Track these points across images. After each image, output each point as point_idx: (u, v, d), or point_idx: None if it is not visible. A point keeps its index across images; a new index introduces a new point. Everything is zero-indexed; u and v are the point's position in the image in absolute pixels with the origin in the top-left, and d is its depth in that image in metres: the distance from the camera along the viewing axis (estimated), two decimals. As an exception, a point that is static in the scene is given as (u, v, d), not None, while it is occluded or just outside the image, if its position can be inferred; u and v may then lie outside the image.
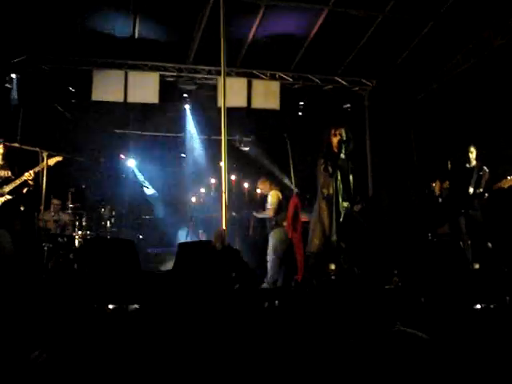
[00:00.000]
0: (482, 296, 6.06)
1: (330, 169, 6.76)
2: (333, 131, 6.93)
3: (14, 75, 10.38)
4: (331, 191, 6.76)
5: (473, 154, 7.97)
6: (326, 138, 7.02)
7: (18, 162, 7.66)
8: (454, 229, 7.87)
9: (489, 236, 8.01)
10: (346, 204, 6.90)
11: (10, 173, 7.62)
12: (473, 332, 4.65)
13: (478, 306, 5.89)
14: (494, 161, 8.17)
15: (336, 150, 6.84)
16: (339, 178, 6.80)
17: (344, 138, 6.89)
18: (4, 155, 7.65)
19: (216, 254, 6.72)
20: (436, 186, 8.28)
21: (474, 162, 7.95)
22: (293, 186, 8.07)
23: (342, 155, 6.87)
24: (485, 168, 7.86)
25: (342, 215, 6.83)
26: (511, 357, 3.87)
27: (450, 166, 8.23)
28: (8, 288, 6.32)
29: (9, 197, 7.48)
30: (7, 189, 7.48)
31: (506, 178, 7.42)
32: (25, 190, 7.59)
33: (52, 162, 7.68)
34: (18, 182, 7.49)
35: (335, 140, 6.89)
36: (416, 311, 5.52)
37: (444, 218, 8.05)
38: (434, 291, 6.41)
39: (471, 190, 7.76)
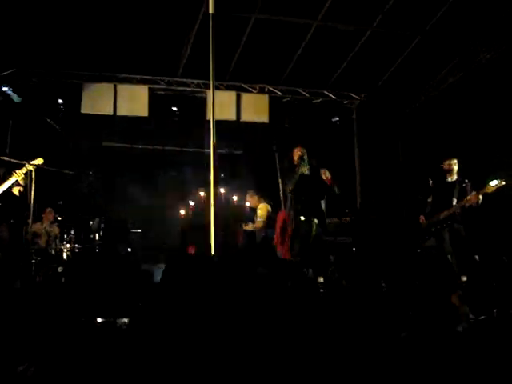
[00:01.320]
0: (470, 308, 6.09)
1: (291, 185, 7.09)
2: (294, 150, 7.32)
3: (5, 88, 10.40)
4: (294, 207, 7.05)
5: (455, 166, 7.96)
6: (290, 156, 7.36)
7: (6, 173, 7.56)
8: (439, 242, 7.88)
9: (474, 249, 8.04)
10: (316, 220, 7.14)
11: None
12: (462, 343, 4.68)
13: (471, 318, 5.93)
14: (477, 173, 8.20)
15: (296, 168, 7.20)
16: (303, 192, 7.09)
17: (304, 156, 7.24)
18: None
19: (213, 268, 6.72)
20: (421, 219, 8.27)
21: (455, 176, 7.97)
22: (281, 199, 8.08)
23: (305, 170, 7.20)
24: (466, 181, 7.86)
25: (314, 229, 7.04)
26: (501, 366, 3.90)
27: (431, 181, 8.22)
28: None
29: None
30: None
31: (488, 184, 7.41)
32: (17, 191, 7.43)
33: (34, 164, 7.48)
34: (5, 185, 7.31)
35: (296, 157, 7.26)
36: (404, 323, 5.54)
37: (429, 232, 8.05)
38: (421, 303, 6.45)
39: (454, 201, 7.76)
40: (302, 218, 7.19)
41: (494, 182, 7.37)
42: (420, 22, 9.38)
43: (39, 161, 7.54)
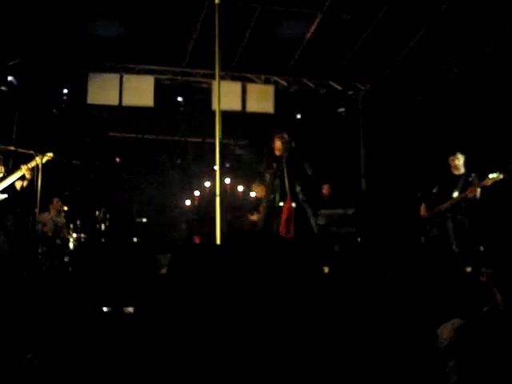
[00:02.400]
0: (475, 299, 6.10)
1: (271, 170, 7.09)
2: (276, 136, 7.28)
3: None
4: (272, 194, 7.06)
5: (460, 160, 7.99)
6: (270, 143, 7.33)
7: (13, 164, 7.60)
8: (442, 233, 7.91)
9: (478, 240, 8.05)
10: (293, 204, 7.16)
11: (3, 169, 7.50)
12: (466, 333, 4.69)
13: (473, 309, 5.93)
14: (483, 167, 8.20)
15: (279, 153, 7.16)
16: (286, 179, 7.07)
17: (286, 140, 7.23)
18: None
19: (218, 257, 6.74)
20: (422, 208, 8.31)
21: (462, 170, 7.99)
22: (286, 189, 8.10)
23: (286, 154, 7.20)
24: (473, 175, 7.89)
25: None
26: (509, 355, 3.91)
27: (435, 190, 8.25)
28: (1, 290, 6.33)
29: (2, 196, 7.36)
30: (0, 186, 7.36)
31: (488, 177, 7.44)
32: (19, 186, 7.44)
33: (44, 159, 7.53)
34: (12, 177, 7.35)
35: (278, 143, 7.22)
36: (409, 313, 5.55)
37: (430, 222, 8.09)
38: (427, 294, 6.45)
39: (455, 194, 7.78)
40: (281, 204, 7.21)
41: (491, 175, 7.40)
42: (426, 13, 9.33)
43: (49, 154, 7.57)
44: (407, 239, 9.03)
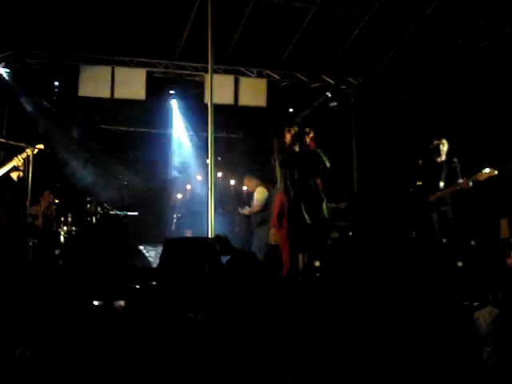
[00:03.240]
0: (466, 294, 6.12)
1: (282, 163, 7.08)
2: (286, 129, 7.29)
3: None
4: (283, 186, 7.04)
5: (444, 146, 7.97)
6: (280, 136, 7.32)
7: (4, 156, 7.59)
8: (427, 226, 7.91)
9: (461, 232, 8.06)
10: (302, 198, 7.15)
11: None
12: (458, 329, 4.70)
13: (462, 303, 5.94)
14: (465, 154, 8.21)
15: (288, 145, 7.18)
16: (295, 173, 7.06)
17: (296, 134, 7.24)
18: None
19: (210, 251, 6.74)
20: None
21: (443, 157, 7.97)
22: (278, 183, 8.10)
23: (296, 147, 7.18)
24: (455, 160, 7.86)
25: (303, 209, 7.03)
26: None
27: (420, 162, 8.23)
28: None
29: None
30: None
31: (481, 172, 7.45)
32: (16, 176, 7.47)
33: (34, 150, 7.52)
34: (3, 169, 7.34)
35: (289, 136, 7.21)
36: (401, 308, 5.56)
37: (417, 215, 8.09)
38: (418, 288, 6.47)
39: (442, 184, 7.79)
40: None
41: (486, 170, 7.40)
42: (421, 7, 9.33)
43: (39, 146, 7.56)
44: (399, 233, 9.05)
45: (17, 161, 7.34)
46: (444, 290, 6.27)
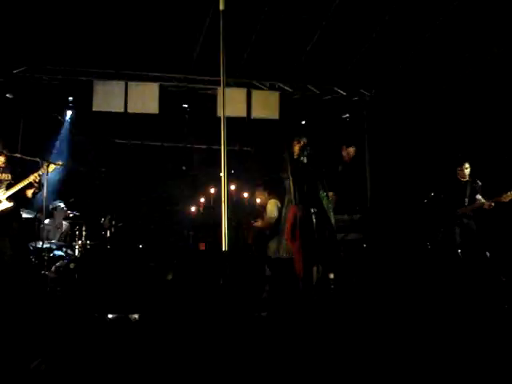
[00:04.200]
0: (481, 304, 6.09)
1: (291, 175, 7.11)
2: (295, 141, 7.38)
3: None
4: (295, 198, 7.07)
5: (467, 170, 8.64)
6: (288, 149, 7.41)
7: (21, 171, 7.66)
8: (449, 238, 8.17)
9: (484, 245, 8.22)
10: (314, 210, 7.16)
11: (10, 176, 7.58)
12: (472, 340, 4.67)
13: (478, 314, 5.91)
14: (485, 175, 8.74)
15: (296, 157, 7.26)
16: (305, 185, 7.11)
17: (305, 146, 7.31)
18: (5, 162, 7.60)
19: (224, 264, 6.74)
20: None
21: (467, 177, 8.64)
22: (292, 196, 8.10)
23: (304, 159, 7.22)
24: (478, 182, 8.61)
25: (314, 221, 7.03)
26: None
27: (444, 179, 8.80)
28: (7, 297, 6.34)
29: (9, 204, 7.43)
30: (6, 193, 7.44)
31: (506, 193, 7.86)
32: (30, 193, 7.55)
33: (51, 168, 7.62)
34: (19, 185, 7.45)
35: (297, 148, 7.31)
36: (416, 320, 5.54)
37: (439, 228, 8.41)
38: (433, 299, 6.44)
39: (466, 200, 8.26)
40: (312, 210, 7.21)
41: (510, 193, 8.03)
42: (430, 17, 9.30)
43: (58, 163, 7.67)
44: (413, 245, 9.04)
45: (34, 177, 7.43)
46: (457, 300, 6.25)
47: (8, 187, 7.48)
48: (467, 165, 8.63)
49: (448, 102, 10.86)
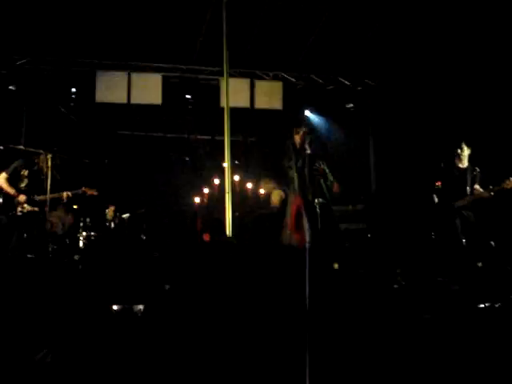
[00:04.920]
0: (487, 295, 6.06)
1: (294, 165, 7.13)
2: (294, 130, 7.37)
3: None
4: (298, 188, 7.08)
5: (466, 152, 8.15)
6: (290, 139, 7.41)
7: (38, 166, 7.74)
8: (451, 229, 7.97)
9: (486, 235, 8.10)
10: (321, 200, 7.17)
11: (27, 172, 7.72)
12: (478, 331, 4.66)
13: (483, 305, 5.89)
14: (485, 158, 8.36)
15: (299, 147, 7.23)
16: (306, 174, 7.11)
17: (307, 138, 7.30)
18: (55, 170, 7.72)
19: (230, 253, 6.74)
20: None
21: (466, 162, 8.14)
22: (295, 186, 8.10)
23: (308, 149, 7.23)
24: (477, 169, 8.08)
25: (318, 211, 7.04)
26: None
27: (443, 165, 8.33)
28: (12, 288, 6.34)
29: (36, 209, 7.60)
30: (37, 198, 7.63)
31: (509, 179, 7.55)
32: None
33: (89, 192, 7.81)
34: (52, 196, 7.59)
35: (297, 137, 7.29)
36: (421, 310, 5.53)
37: (440, 218, 8.14)
38: (438, 289, 6.42)
39: (468, 189, 7.91)
40: (319, 201, 7.23)
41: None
42: (436, 5, 9.22)
43: (93, 192, 7.81)
44: (417, 234, 9.01)
45: (64, 196, 7.57)
46: (464, 290, 6.23)
47: (40, 192, 7.61)
48: (466, 147, 8.17)
49: (452, 92, 10.80)
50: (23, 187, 7.62)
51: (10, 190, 7.56)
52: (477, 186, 7.99)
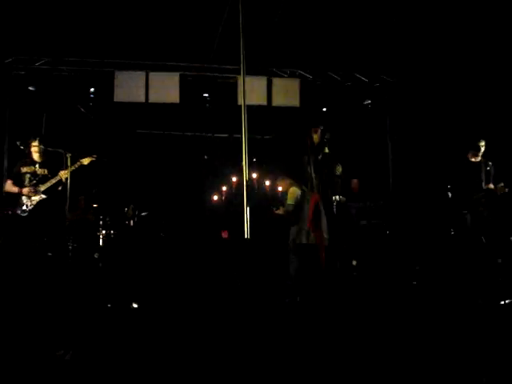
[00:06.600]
0: (507, 291, 6.03)
1: (312, 163, 7.18)
2: (312, 130, 7.42)
3: None
4: (315, 185, 7.11)
5: (483, 147, 8.12)
6: (308, 137, 7.44)
7: (56, 165, 7.85)
8: (465, 224, 7.89)
9: (505, 231, 8.02)
10: (337, 197, 7.19)
11: (47, 171, 7.90)
12: (499, 328, 4.65)
13: (503, 302, 5.86)
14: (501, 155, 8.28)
15: (316, 145, 7.30)
16: (324, 171, 7.16)
17: (325, 134, 7.35)
18: (42, 154, 7.86)
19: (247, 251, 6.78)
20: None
21: (479, 158, 8.12)
22: (314, 183, 8.09)
23: (326, 148, 7.27)
24: (490, 164, 8.09)
25: (334, 208, 7.08)
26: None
27: (456, 160, 8.26)
28: (32, 287, 6.41)
29: (44, 196, 7.71)
30: (43, 187, 7.75)
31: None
32: (59, 188, 7.83)
33: (86, 161, 7.87)
34: (53, 181, 7.77)
35: (315, 136, 7.34)
36: (440, 307, 5.52)
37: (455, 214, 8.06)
38: (458, 286, 6.40)
39: (483, 184, 7.87)
40: (337, 198, 7.26)
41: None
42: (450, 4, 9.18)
43: (91, 158, 7.85)
44: (436, 231, 8.96)
45: (62, 175, 7.65)
46: (485, 287, 6.20)
47: (44, 181, 7.73)
48: (483, 142, 8.11)
49: (470, 88, 10.72)
50: (27, 184, 7.76)
51: (14, 189, 7.81)
52: (491, 185, 7.95)
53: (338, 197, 7.33)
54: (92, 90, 11.42)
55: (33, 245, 7.56)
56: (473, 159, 8.08)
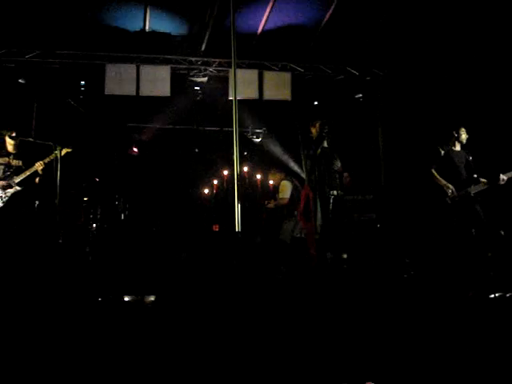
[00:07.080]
0: (498, 285, 6.06)
1: (309, 158, 7.19)
2: (311, 124, 7.42)
3: None
4: (313, 179, 7.13)
5: (464, 135, 8.10)
6: (307, 131, 7.46)
7: (32, 156, 7.78)
8: (460, 217, 7.84)
9: (499, 224, 8.04)
10: (335, 192, 7.21)
11: (21, 163, 7.79)
12: (489, 321, 4.67)
13: (493, 296, 5.89)
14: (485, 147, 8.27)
15: (315, 138, 7.31)
16: (322, 166, 7.16)
17: (324, 130, 7.35)
18: (17, 146, 7.79)
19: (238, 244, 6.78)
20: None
21: (459, 146, 8.13)
22: (304, 176, 8.11)
23: (325, 143, 7.24)
24: (467, 152, 8.08)
25: (331, 203, 7.09)
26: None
27: (441, 151, 8.20)
28: (21, 282, 6.39)
29: (18, 188, 7.64)
30: (17, 179, 7.65)
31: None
32: (37, 180, 7.75)
33: (62, 153, 7.77)
34: (27, 172, 7.67)
35: (313, 129, 7.36)
36: (430, 300, 5.54)
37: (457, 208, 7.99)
38: (448, 280, 6.43)
39: (464, 173, 7.84)
40: (335, 193, 7.28)
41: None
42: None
43: (67, 150, 7.76)
44: (426, 224, 8.99)
45: (38, 165, 7.60)
46: (474, 280, 6.23)
47: (18, 173, 7.66)
48: (464, 129, 8.08)
49: (461, 81, 10.74)
50: (1, 175, 7.69)
51: None
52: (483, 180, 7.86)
53: (335, 191, 7.33)
54: (83, 82, 11.38)
55: (11, 237, 7.53)
56: (455, 148, 8.06)
